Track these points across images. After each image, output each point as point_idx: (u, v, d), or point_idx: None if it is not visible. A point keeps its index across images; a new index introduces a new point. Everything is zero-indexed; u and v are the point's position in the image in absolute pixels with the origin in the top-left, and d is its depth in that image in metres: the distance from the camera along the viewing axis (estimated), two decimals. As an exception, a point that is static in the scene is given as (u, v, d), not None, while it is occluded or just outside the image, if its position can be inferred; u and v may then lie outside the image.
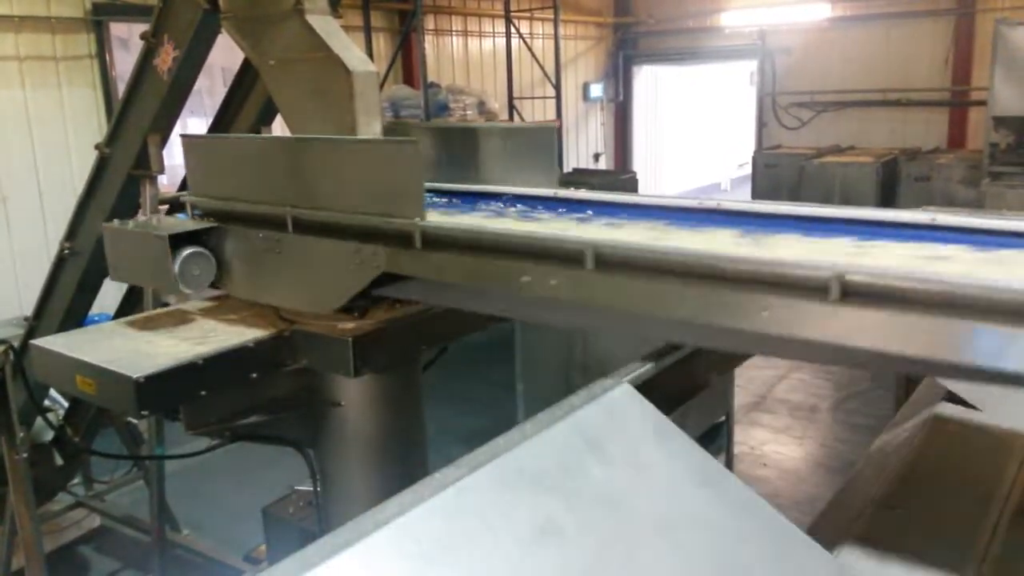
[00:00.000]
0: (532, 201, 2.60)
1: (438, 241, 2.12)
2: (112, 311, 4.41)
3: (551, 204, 2.54)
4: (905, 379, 4.42)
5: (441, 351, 3.07)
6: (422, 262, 2.17)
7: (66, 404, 4.90)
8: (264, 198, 2.55)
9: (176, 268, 2.55)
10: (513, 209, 2.52)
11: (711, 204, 2.27)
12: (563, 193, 2.67)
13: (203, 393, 2.38)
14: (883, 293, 1.44)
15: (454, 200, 2.73)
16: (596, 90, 15.85)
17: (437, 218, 2.27)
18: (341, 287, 2.40)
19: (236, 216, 2.67)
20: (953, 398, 2.31)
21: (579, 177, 12.44)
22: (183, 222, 2.77)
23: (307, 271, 2.51)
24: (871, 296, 1.45)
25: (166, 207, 3.62)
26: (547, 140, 2.88)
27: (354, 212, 2.32)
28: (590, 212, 2.39)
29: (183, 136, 2.85)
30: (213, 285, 2.73)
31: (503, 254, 2.00)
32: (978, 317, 1.35)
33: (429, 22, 11.83)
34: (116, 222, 2.86)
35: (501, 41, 12.99)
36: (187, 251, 2.58)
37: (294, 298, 2.59)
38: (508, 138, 2.84)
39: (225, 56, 3.88)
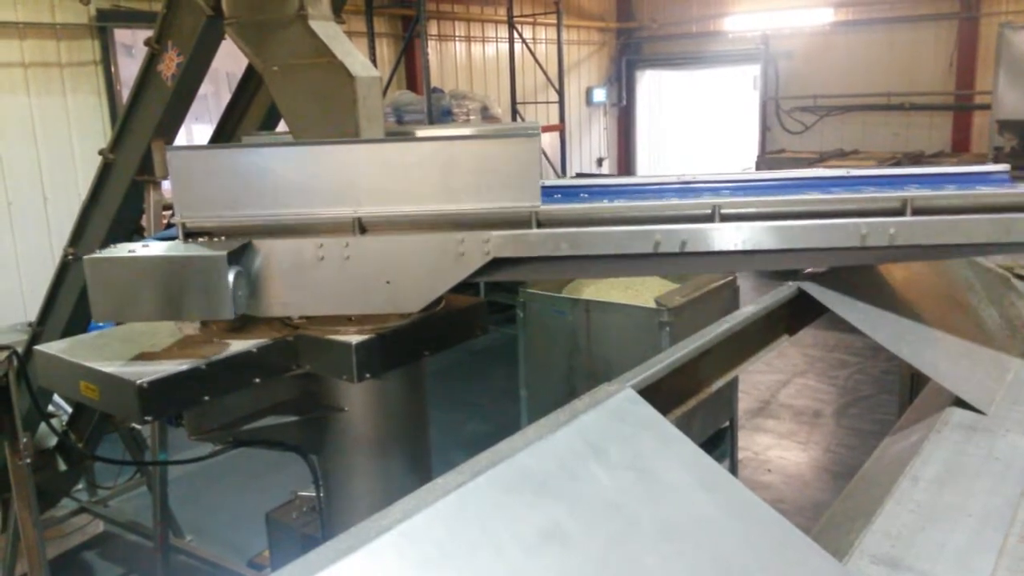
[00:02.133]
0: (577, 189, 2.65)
1: (553, 222, 2.34)
2: (116, 317, 4.41)
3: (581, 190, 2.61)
4: (910, 384, 4.42)
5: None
6: (543, 241, 2.35)
7: (69, 410, 4.90)
8: (322, 204, 2.40)
9: (230, 289, 2.28)
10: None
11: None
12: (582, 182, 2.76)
13: (206, 399, 2.38)
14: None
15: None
16: (599, 95, 15.87)
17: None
18: (439, 281, 2.42)
19: (267, 229, 2.44)
20: (961, 403, 2.30)
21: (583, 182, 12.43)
22: (191, 244, 2.45)
23: (390, 271, 2.41)
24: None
25: (170, 212, 3.62)
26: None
27: (453, 204, 2.36)
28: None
29: (170, 149, 2.52)
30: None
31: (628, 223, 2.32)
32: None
33: (432, 27, 11.86)
34: (99, 253, 2.41)
35: (504, 46, 13.01)
36: (234, 271, 2.31)
37: (366, 303, 2.46)
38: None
39: (229, 62, 3.89)
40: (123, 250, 2.43)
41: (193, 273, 2.31)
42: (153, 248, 2.44)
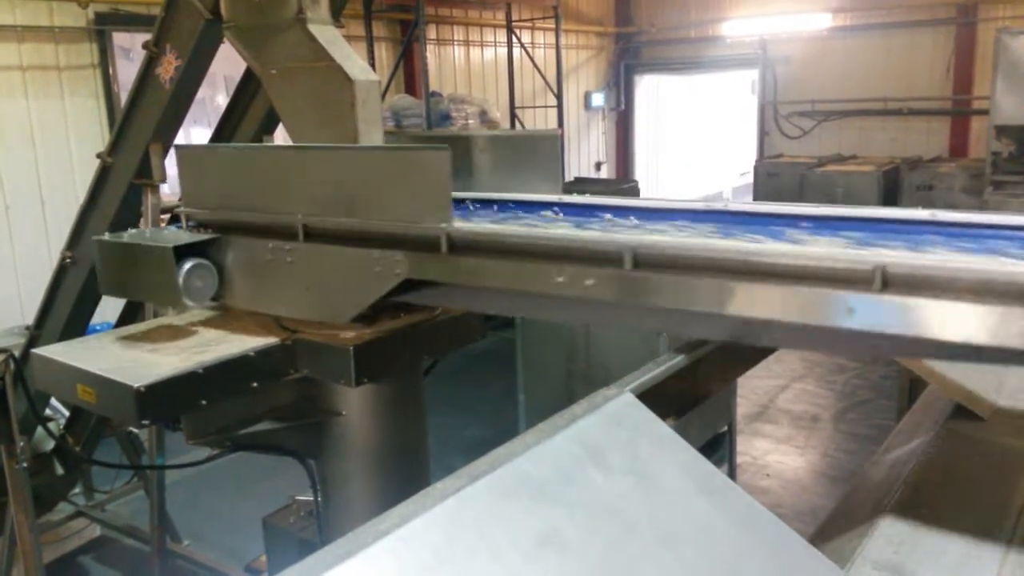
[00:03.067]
0: (538, 207, 2.60)
1: (465, 246, 2.12)
2: (113, 320, 4.41)
3: (557, 209, 2.55)
4: (908, 389, 4.42)
5: (435, 361, 3.04)
6: (450, 267, 2.16)
7: (67, 413, 4.89)
8: (273, 207, 2.52)
9: (180, 281, 2.51)
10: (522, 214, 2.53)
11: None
12: (563, 198, 2.67)
13: (203, 403, 2.37)
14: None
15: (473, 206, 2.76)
16: (598, 99, 15.87)
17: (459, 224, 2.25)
18: (359, 296, 2.39)
19: (238, 226, 2.62)
20: (960, 409, 2.29)
21: (581, 186, 12.45)
22: (180, 234, 2.69)
23: (322, 280, 2.47)
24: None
25: (168, 216, 3.62)
26: (551, 147, 2.86)
27: (376, 219, 2.30)
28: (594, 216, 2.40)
29: (177, 147, 2.81)
30: (214, 298, 2.67)
31: (534, 257, 2.01)
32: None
33: (431, 32, 11.86)
34: (108, 235, 2.78)
35: (503, 51, 13.03)
36: (190, 263, 2.54)
37: (305, 309, 2.54)
38: (511, 146, 2.83)
39: (228, 65, 3.88)
40: (129, 234, 2.76)
41: (149, 262, 2.57)
42: (138, 236, 2.76)
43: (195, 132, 8.04)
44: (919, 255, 1.69)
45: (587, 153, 15.93)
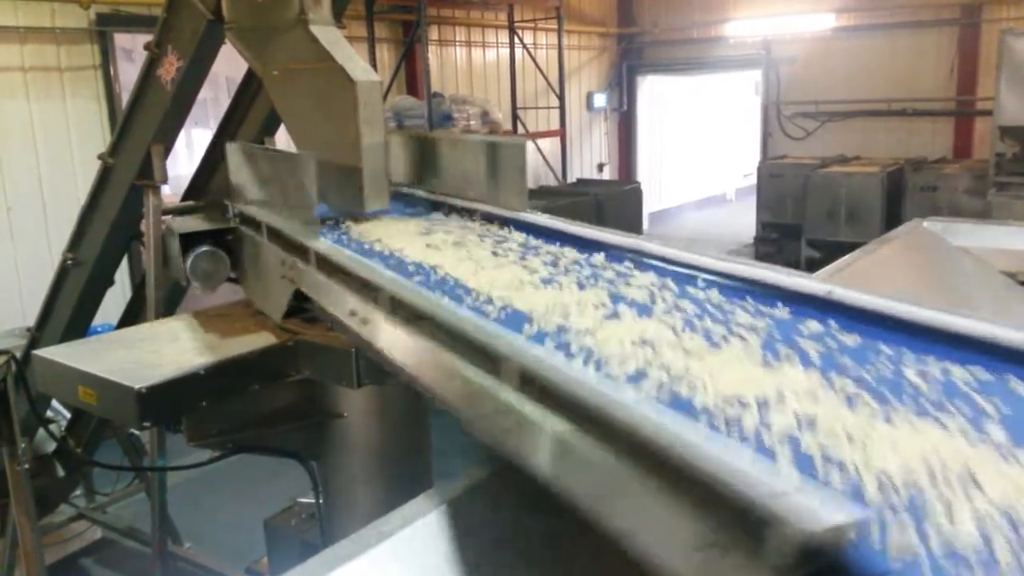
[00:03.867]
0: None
1: (322, 264, 2.07)
2: (115, 321, 4.40)
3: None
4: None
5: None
6: (313, 283, 2.12)
7: (68, 415, 4.88)
8: (268, 206, 2.59)
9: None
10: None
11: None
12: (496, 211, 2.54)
13: (205, 404, 2.36)
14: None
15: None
16: (600, 100, 15.87)
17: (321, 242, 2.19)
18: (279, 299, 2.44)
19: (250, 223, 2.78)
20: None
21: (583, 187, 12.45)
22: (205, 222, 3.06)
23: (262, 278, 2.60)
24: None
25: (169, 217, 3.61)
26: (516, 158, 2.69)
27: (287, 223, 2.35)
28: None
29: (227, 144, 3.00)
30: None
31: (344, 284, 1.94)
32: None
33: (433, 33, 11.86)
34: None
35: (505, 51, 13.02)
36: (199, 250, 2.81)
37: (264, 304, 2.67)
38: (476, 152, 2.78)
39: (229, 66, 3.88)
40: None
41: (169, 246, 2.88)
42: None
43: (196, 133, 8.03)
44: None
45: (589, 154, 15.92)
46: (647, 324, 1.37)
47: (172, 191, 4.61)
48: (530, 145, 7.62)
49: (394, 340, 1.60)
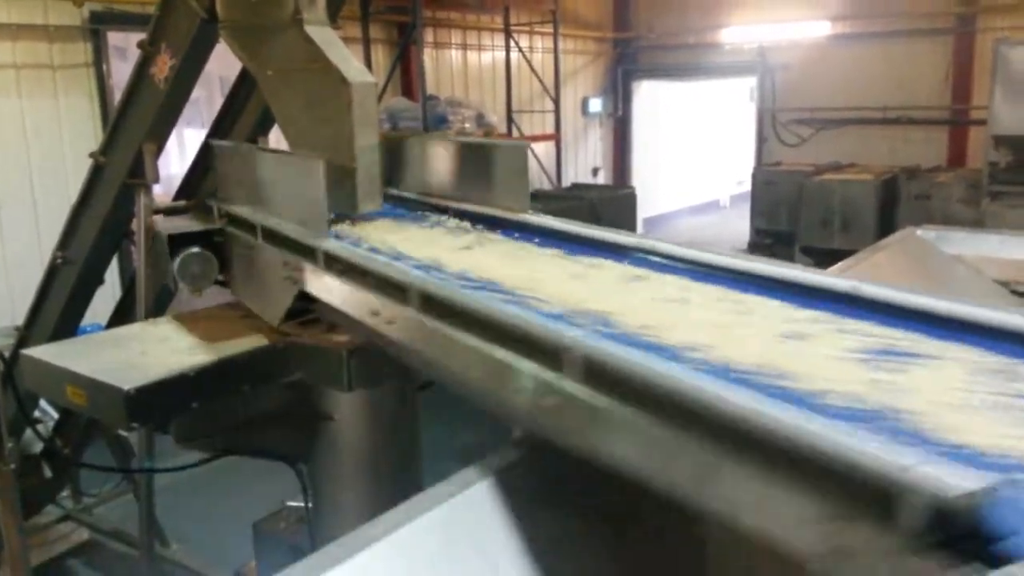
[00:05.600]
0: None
1: (331, 264, 2.10)
2: (104, 321, 4.37)
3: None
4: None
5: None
6: (321, 284, 2.16)
7: (56, 415, 4.85)
8: (262, 206, 2.59)
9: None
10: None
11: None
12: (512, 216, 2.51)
13: (194, 405, 2.35)
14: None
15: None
16: (595, 105, 15.89)
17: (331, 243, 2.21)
18: (279, 301, 2.42)
19: (242, 223, 2.77)
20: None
21: (577, 192, 12.45)
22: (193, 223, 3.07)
23: (257, 279, 2.59)
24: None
25: (160, 217, 3.58)
26: (518, 161, 2.68)
27: (287, 226, 2.35)
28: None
29: (213, 143, 3.10)
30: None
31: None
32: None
33: (428, 35, 11.85)
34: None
35: (500, 54, 13.03)
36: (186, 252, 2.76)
37: (260, 306, 2.64)
38: (479, 155, 2.77)
39: (222, 65, 3.86)
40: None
41: (157, 248, 2.89)
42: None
43: (188, 133, 8.01)
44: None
45: (584, 159, 15.94)
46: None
47: (164, 190, 4.58)
48: (525, 149, 7.60)
49: (437, 339, 1.62)
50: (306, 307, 2.46)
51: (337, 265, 2.08)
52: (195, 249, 2.75)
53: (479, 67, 13.33)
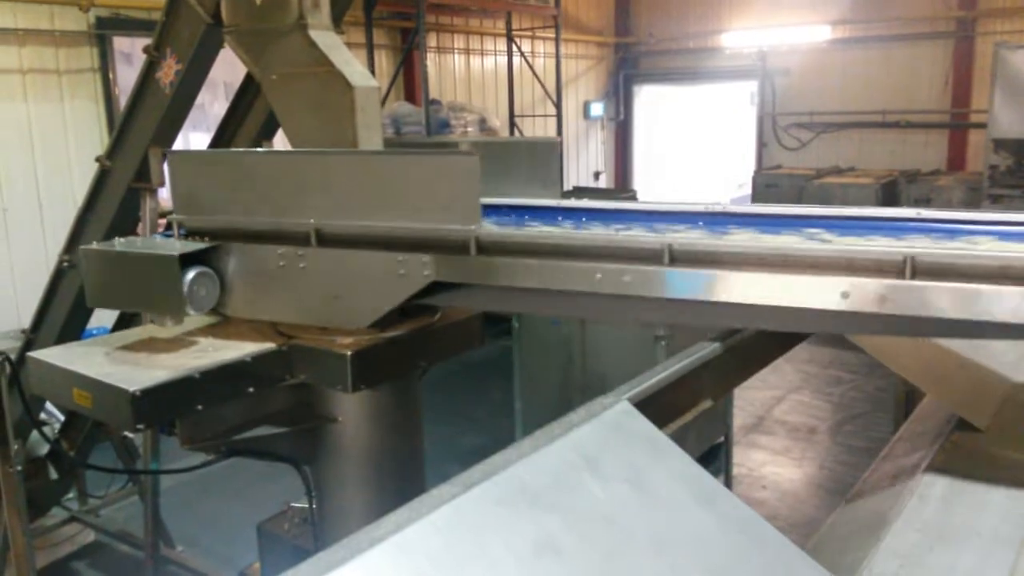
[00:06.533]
0: (539, 212, 2.60)
1: (493, 248, 2.19)
2: (110, 325, 4.40)
3: (556, 213, 2.54)
4: (904, 401, 4.41)
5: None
6: (481, 268, 2.21)
7: (62, 418, 4.87)
8: (282, 213, 2.48)
9: (185, 289, 2.43)
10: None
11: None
12: (564, 203, 2.67)
13: (199, 407, 2.36)
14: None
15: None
16: (597, 109, 15.91)
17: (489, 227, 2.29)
18: (382, 299, 2.40)
19: (242, 233, 2.57)
20: (959, 420, 2.29)
21: (579, 195, 12.47)
22: (172, 242, 2.62)
23: (337, 285, 2.46)
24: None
25: (166, 220, 3.61)
26: (549, 154, 2.83)
27: (399, 223, 2.31)
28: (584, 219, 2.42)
29: (170, 153, 2.71)
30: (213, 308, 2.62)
31: (572, 256, 2.10)
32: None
33: (431, 40, 11.88)
34: (95, 244, 2.65)
35: (503, 59, 13.05)
36: (194, 271, 2.47)
37: (316, 315, 2.52)
38: (510, 152, 2.83)
39: (227, 71, 3.89)
40: (119, 244, 2.61)
41: (152, 271, 2.48)
42: (130, 244, 2.62)
43: (194, 137, 8.04)
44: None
45: (586, 162, 15.95)
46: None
47: (169, 194, 4.62)
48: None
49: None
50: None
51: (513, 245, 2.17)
52: (202, 269, 2.51)
53: (481, 72, 13.36)
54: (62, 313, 4.17)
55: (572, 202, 2.68)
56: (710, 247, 1.98)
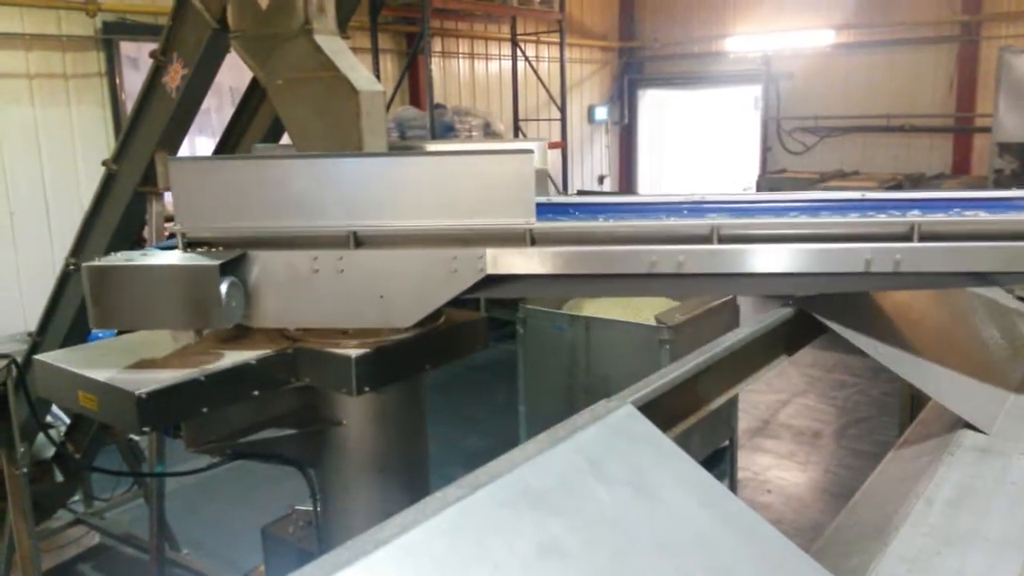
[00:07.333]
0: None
1: (545, 239, 2.31)
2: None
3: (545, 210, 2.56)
4: (910, 405, 4.41)
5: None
6: (540, 260, 2.32)
7: (68, 420, 4.88)
8: (315, 218, 2.40)
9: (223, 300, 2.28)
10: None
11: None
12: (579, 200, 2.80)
13: (205, 410, 2.37)
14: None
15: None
16: (601, 113, 15.93)
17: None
18: (431, 297, 2.40)
19: (262, 241, 2.46)
20: (964, 424, 2.28)
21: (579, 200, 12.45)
22: (183, 253, 2.47)
23: (384, 286, 2.41)
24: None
25: (172, 224, 3.62)
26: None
27: (448, 219, 2.33)
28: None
29: (173, 160, 2.57)
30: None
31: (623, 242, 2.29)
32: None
33: (436, 44, 11.91)
34: (97, 260, 2.44)
35: (507, 64, 13.08)
36: (227, 282, 2.31)
37: (359, 317, 2.46)
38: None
39: (233, 75, 3.90)
40: (121, 258, 2.47)
41: (186, 283, 2.34)
42: (150, 257, 2.47)
43: (200, 142, 8.07)
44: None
45: (590, 166, 15.96)
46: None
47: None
48: (531, 157, 7.65)
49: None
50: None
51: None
52: (233, 279, 2.35)
53: (486, 76, 13.39)
54: (68, 316, 4.18)
55: (555, 198, 2.75)
56: (750, 228, 2.24)
